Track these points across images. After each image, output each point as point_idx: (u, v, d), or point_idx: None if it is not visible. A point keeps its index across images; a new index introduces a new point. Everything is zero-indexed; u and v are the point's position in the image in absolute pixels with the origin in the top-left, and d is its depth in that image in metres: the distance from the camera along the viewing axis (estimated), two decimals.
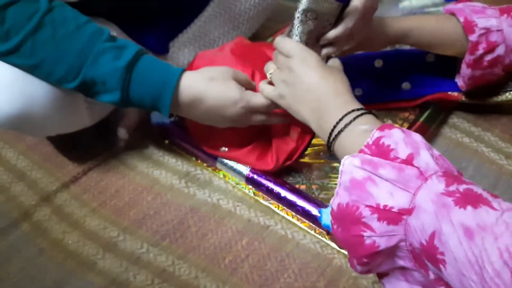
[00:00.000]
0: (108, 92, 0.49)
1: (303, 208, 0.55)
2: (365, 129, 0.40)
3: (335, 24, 0.50)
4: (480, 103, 0.68)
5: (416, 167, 0.35)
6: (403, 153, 0.35)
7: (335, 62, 0.51)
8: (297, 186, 0.59)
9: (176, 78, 0.50)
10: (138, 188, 0.63)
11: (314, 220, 0.54)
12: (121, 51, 0.48)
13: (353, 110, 0.42)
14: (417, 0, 0.83)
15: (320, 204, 0.55)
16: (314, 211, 0.54)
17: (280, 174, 0.59)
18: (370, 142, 0.37)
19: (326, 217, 0.53)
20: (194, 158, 0.66)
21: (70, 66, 0.46)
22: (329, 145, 0.43)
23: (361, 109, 0.42)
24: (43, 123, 0.54)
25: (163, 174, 0.65)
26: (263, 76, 0.60)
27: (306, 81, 0.45)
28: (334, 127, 0.42)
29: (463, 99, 0.68)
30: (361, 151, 0.38)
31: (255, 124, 0.54)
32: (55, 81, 0.49)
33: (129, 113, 0.68)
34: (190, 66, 0.65)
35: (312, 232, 0.55)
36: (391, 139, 0.36)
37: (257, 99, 0.51)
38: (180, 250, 0.55)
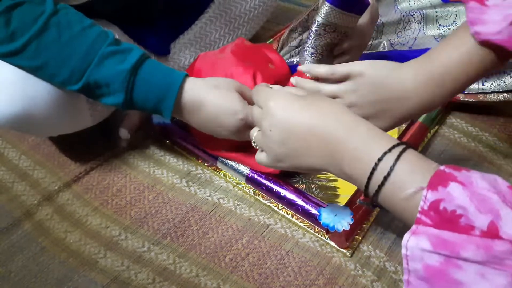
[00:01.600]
0: (112, 95, 0.49)
1: (302, 207, 0.56)
2: (411, 193, 0.32)
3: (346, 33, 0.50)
4: (478, 103, 0.69)
5: (507, 240, 0.27)
6: (479, 222, 0.28)
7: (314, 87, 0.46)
8: (296, 185, 0.60)
9: (180, 82, 0.50)
10: (140, 187, 0.63)
11: (314, 219, 0.55)
12: (125, 54, 0.49)
13: (384, 153, 0.33)
14: (416, 1, 0.83)
15: (319, 203, 0.55)
16: (313, 210, 0.55)
17: (280, 174, 0.60)
18: (426, 207, 0.30)
19: (326, 216, 0.53)
20: (194, 158, 0.67)
21: (74, 68, 0.47)
22: (372, 200, 0.35)
23: (396, 145, 0.34)
24: (45, 124, 0.54)
25: (164, 173, 0.65)
26: (265, 77, 0.61)
27: (296, 130, 0.37)
28: (369, 178, 0.34)
29: (461, 99, 0.69)
30: (418, 220, 0.30)
31: (255, 141, 0.51)
32: (59, 83, 0.50)
33: (130, 114, 0.68)
34: (191, 68, 0.66)
35: (312, 231, 0.56)
36: (454, 203, 0.29)
37: (256, 111, 0.50)
38: (181, 248, 0.55)
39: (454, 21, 0.79)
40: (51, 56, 0.46)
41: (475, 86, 0.68)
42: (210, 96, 0.50)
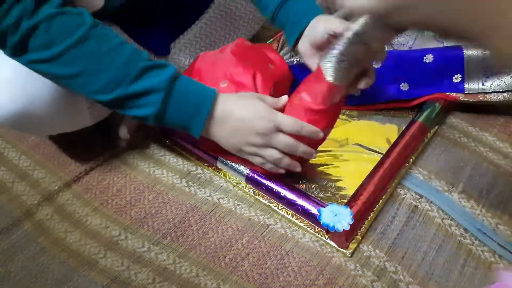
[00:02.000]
0: (146, 106, 0.49)
1: (302, 207, 0.56)
2: None
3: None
4: (478, 103, 0.69)
5: None
6: None
7: None
8: (296, 185, 0.60)
9: (212, 99, 0.50)
10: (140, 187, 0.63)
11: (314, 219, 0.55)
12: (162, 68, 0.49)
13: None
14: None
15: (319, 203, 0.55)
16: (313, 210, 0.55)
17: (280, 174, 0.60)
18: None
19: (326, 216, 0.53)
20: (195, 158, 0.67)
21: (111, 78, 0.47)
22: None
23: None
24: (45, 122, 0.54)
25: (164, 173, 0.65)
26: (264, 78, 0.61)
27: None
28: None
29: (461, 99, 0.69)
30: None
31: (281, 148, 0.52)
32: (90, 92, 0.49)
33: None
34: (191, 67, 0.66)
35: (312, 230, 0.56)
36: None
37: (285, 117, 0.51)
38: (181, 248, 0.55)
39: None
40: (89, 65, 0.47)
41: (475, 86, 0.68)
42: (237, 104, 0.51)
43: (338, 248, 0.54)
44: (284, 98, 0.55)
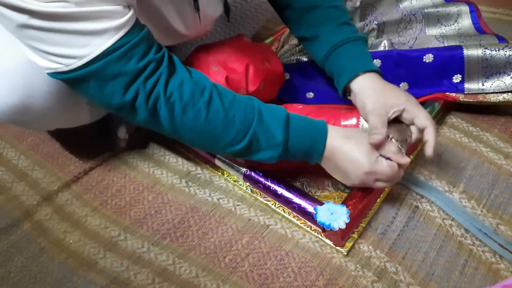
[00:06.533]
0: (270, 149, 0.51)
1: (299, 206, 0.55)
2: None
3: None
4: (478, 103, 0.69)
5: None
6: None
7: None
8: (293, 183, 0.60)
9: (326, 131, 0.52)
10: (139, 188, 0.63)
11: (310, 217, 0.54)
12: (273, 109, 0.51)
13: None
14: (417, 1, 0.83)
15: (316, 201, 0.55)
16: (309, 208, 0.54)
17: (277, 172, 0.60)
18: None
19: (322, 215, 0.53)
20: (192, 155, 0.67)
21: (239, 129, 0.49)
22: None
23: None
24: (43, 116, 0.54)
25: (164, 173, 0.65)
26: (257, 70, 0.62)
27: None
28: None
29: (461, 99, 0.69)
30: None
31: (373, 187, 0.53)
32: (221, 146, 0.51)
33: None
34: (189, 58, 0.66)
35: (308, 229, 0.56)
36: None
37: (384, 168, 0.50)
38: (181, 249, 0.55)
39: (455, 21, 0.79)
40: (219, 121, 0.49)
41: (475, 86, 0.68)
42: (342, 147, 0.51)
43: (338, 248, 0.54)
44: (381, 129, 0.53)
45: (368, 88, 0.56)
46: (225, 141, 0.50)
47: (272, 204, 0.59)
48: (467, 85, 0.69)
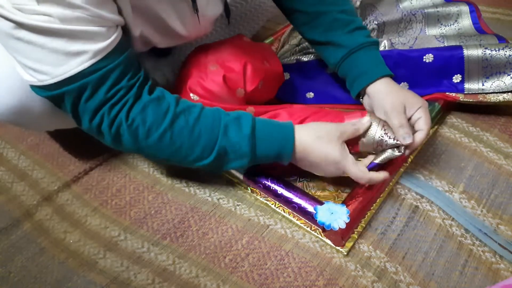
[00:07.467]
0: (239, 159, 0.52)
1: (299, 205, 0.55)
2: None
3: None
4: (478, 103, 0.69)
5: None
6: None
7: None
8: (294, 183, 0.60)
9: (292, 134, 0.52)
10: (139, 188, 0.63)
11: (310, 217, 0.54)
12: (239, 119, 0.52)
13: None
14: (417, 1, 0.83)
15: (316, 201, 0.55)
16: (309, 208, 0.54)
17: (277, 172, 0.60)
18: None
19: (322, 214, 0.53)
20: None
21: (205, 144, 0.50)
22: None
23: None
24: (42, 117, 0.54)
25: (164, 173, 0.65)
26: (255, 70, 0.62)
27: None
28: None
29: (461, 99, 0.69)
30: None
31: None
32: (191, 161, 0.52)
33: None
34: (188, 58, 0.66)
35: (308, 229, 0.56)
36: None
37: (353, 170, 0.52)
38: (181, 249, 0.55)
39: (455, 21, 0.79)
40: (184, 140, 0.50)
41: (475, 87, 0.68)
42: (314, 146, 0.52)
43: (338, 248, 0.54)
44: (366, 120, 0.56)
45: (384, 91, 0.59)
46: (193, 157, 0.51)
47: (272, 204, 0.59)
48: (467, 85, 0.69)
